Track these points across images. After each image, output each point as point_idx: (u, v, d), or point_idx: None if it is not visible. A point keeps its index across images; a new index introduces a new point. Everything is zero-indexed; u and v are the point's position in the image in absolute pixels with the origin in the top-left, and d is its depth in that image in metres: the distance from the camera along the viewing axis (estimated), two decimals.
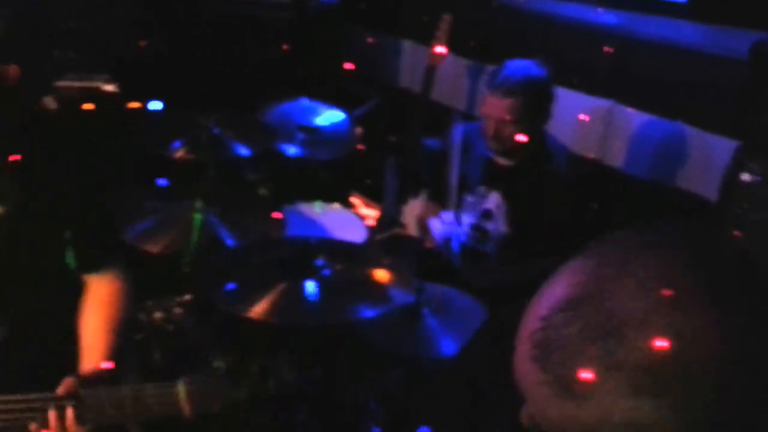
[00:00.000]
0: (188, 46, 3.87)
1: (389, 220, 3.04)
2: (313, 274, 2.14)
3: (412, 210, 3.00)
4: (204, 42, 3.94)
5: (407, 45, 4.25)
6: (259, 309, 1.98)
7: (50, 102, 2.59)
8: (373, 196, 3.23)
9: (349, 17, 4.38)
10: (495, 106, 2.58)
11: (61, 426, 1.54)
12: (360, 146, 3.30)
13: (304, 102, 3.36)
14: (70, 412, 1.54)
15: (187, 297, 2.61)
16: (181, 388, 1.55)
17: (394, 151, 3.18)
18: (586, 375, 0.73)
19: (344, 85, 4.07)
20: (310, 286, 2.10)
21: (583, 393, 0.74)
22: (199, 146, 2.76)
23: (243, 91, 3.64)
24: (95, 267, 1.86)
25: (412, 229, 2.94)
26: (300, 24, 4.09)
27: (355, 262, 2.24)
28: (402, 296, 2.11)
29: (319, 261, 2.19)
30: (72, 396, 1.57)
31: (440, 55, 3.23)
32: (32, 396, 1.57)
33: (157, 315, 2.60)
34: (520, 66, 2.60)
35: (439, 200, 2.90)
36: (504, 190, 2.74)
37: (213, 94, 3.29)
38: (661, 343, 0.70)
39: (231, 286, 2.12)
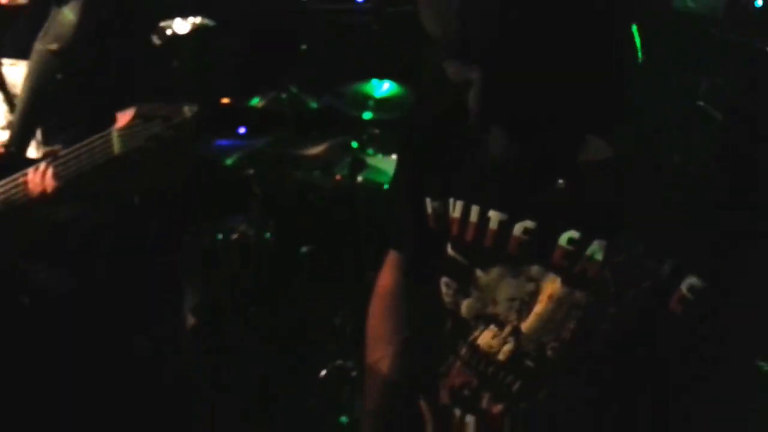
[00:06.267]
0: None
1: None
2: None
3: None
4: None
5: None
6: None
7: (155, 40, 2.97)
8: None
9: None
10: None
11: (40, 182, 1.86)
12: None
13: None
14: (49, 170, 1.86)
15: None
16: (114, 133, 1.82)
17: None
18: None
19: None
20: None
21: None
22: (278, 100, 3.26)
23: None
24: None
25: None
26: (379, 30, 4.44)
27: None
28: None
29: None
30: (50, 156, 1.89)
31: None
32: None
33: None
34: None
35: None
36: None
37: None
38: None
39: None
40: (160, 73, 3.08)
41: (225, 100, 3.47)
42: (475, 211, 1.10)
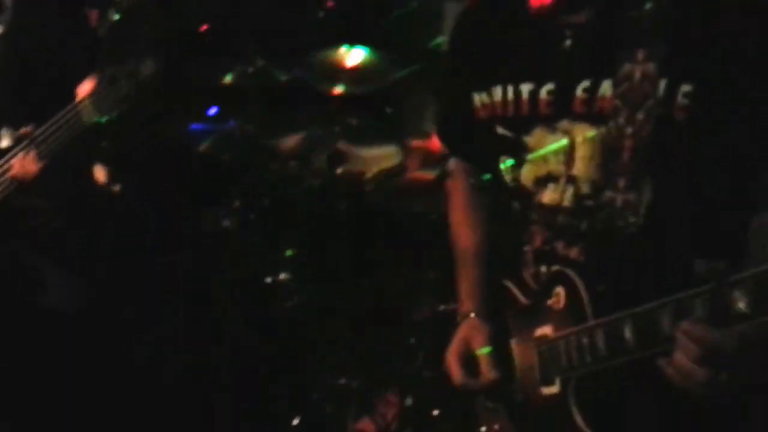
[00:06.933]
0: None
1: None
2: None
3: None
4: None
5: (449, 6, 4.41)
6: None
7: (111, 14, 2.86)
8: None
9: None
10: None
11: (23, 167, 1.94)
12: None
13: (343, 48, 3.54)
14: (30, 153, 1.93)
15: None
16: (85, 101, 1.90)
17: None
18: None
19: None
20: None
21: None
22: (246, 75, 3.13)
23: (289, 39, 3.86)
24: None
25: None
26: None
27: None
28: None
29: None
30: (28, 138, 1.95)
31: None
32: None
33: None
34: None
35: None
36: None
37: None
38: None
39: None
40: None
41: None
42: (510, 89, 1.39)
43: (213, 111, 3.29)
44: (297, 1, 4.18)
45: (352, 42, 3.34)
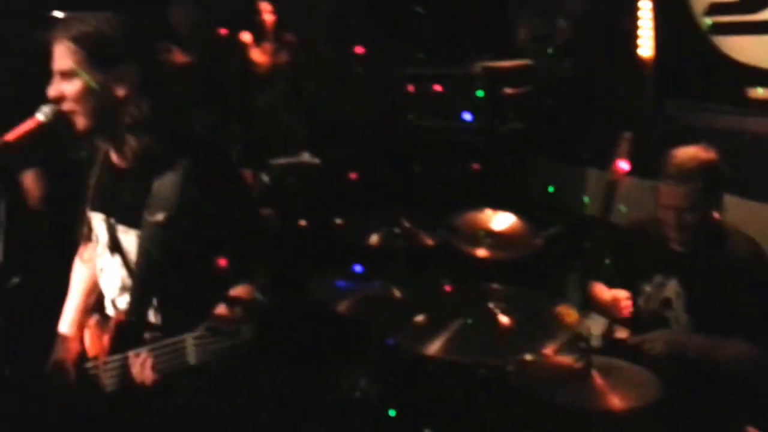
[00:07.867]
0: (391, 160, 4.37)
1: None
2: None
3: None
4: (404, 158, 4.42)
5: (592, 173, 4.42)
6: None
7: (264, 177, 3.01)
8: None
9: (535, 145, 4.65)
10: (673, 195, 2.70)
11: (140, 371, 2.05)
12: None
13: (488, 211, 3.60)
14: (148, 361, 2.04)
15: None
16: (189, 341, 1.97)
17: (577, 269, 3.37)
18: None
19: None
20: None
21: None
22: (392, 237, 3.20)
23: (434, 200, 3.98)
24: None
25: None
26: (487, 147, 4.45)
27: None
28: None
29: None
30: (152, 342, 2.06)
31: (621, 170, 3.35)
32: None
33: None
34: (690, 151, 2.72)
35: None
36: (681, 277, 2.80)
37: (408, 201, 3.69)
38: None
39: None
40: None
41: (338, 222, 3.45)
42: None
43: (358, 270, 3.38)
44: (441, 161, 4.39)
45: (496, 206, 3.43)
